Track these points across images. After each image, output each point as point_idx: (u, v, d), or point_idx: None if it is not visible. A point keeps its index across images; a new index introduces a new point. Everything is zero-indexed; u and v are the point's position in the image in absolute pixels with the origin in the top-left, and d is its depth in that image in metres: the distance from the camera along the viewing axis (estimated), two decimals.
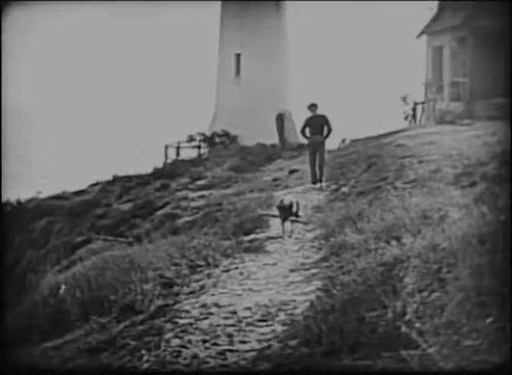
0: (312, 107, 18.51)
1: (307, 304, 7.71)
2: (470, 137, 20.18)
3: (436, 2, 33.10)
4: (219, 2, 40.24)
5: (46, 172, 57.08)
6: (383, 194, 13.29)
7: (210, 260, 10.91)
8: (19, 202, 29.65)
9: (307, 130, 18.44)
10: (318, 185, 18.33)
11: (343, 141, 33.14)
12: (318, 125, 18.36)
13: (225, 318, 7.86)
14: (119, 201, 27.98)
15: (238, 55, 39.35)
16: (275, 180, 22.96)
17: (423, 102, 33.84)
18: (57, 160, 66.65)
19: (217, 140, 38.61)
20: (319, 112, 18.47)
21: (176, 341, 7.24)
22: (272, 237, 12.50)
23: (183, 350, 6.96)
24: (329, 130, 18.34)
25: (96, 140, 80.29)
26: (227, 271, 10.33)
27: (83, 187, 31.71)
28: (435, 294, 6.29)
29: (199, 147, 38.65)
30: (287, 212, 12.69)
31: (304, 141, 20.27)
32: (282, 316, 7.67)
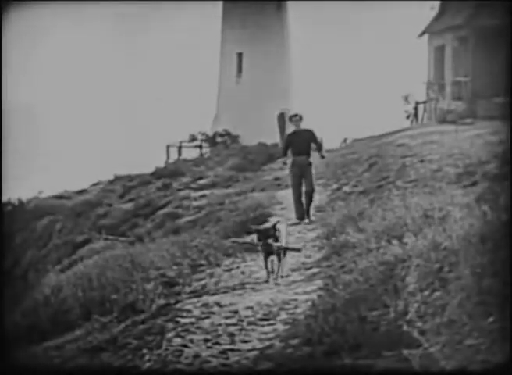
0: (295, 118, 14.09)
1: (309, 303, 7.70)
2: (471, 136, 20.18)
3: (438, 2, 33.15)
4: (220, 2, 40.27)
5: (47, 171, 57.12)
6: (385, 194, 13.30)
7: (211, 259, 10.92)
8: (20, 202, 29.69)
9: (290, 151, 14.16)
10: (305, 220, 13.89)
11: (345, 140, 33.21)
12: (303, 142, 13.95)
13: (227, 317, 7.85)
14: (120, 200, 28.02)
15: (240, 54, 39.35)
16: (276, 179, 22.98)
17: (425, 102, 33.83)
18: (58, 159, 66.68)
19: (218, 139, 38.63)
20: (309, 123, 14.37)
21: (177, 341, 7.24)
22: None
23: (185, 349, 6.96)
24: (320, 147, 14.21)
25: (97, 139, 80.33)
26: (229, 270, 10.33)
27: (84, 186, 31.75)
28: (436, 294, 6.29)
29: (201, 146, 38.68)
30: (268, 236, 9.33)
31: None
32: (283, 316, 7.67)
